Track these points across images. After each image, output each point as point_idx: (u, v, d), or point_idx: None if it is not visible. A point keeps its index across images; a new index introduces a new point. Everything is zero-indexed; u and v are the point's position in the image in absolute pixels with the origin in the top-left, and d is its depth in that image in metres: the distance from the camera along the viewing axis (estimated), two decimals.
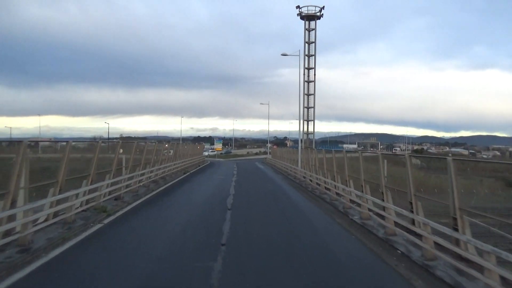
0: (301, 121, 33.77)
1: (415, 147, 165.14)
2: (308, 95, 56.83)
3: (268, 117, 62.18)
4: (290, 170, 32.59)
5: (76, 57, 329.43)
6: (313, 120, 57.31)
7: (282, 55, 30.63)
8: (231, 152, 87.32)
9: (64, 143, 12.72)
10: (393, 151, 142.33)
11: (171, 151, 29.91)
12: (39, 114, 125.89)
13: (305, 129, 58.12)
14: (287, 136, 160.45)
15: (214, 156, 79.49)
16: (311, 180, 23.67)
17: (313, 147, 46.45)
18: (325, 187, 19.78)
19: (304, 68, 56.27)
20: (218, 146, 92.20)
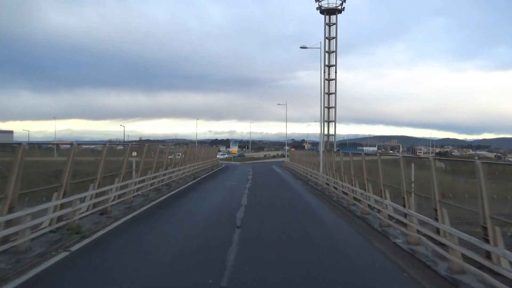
0: (322, 121, 31.01)
1: (437, 150, 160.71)
2: (329, 94, 53.32)
3: (286, 118, 59.14)
4: (311, 175, 29.59)
5: (97, 62, 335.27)
6: (334, 121, 53.84)
7: (301, 47, 27.78)
8: (244, 155, 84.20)
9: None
10: (417, 153, 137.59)
11: (179, 154, 27.28)
12: (54, 118, 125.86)
13: (325, 131, 54.83)
14: (305, 139, 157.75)
15: (230, 159, 76.94)
16: (335, 188, 20.66)
17: (334, 150, 43.34)
18: (354, 197, 16.79)
19: (324, 65, 52.95)
20: (234, 148, 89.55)
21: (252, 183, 26.54)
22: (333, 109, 53.47)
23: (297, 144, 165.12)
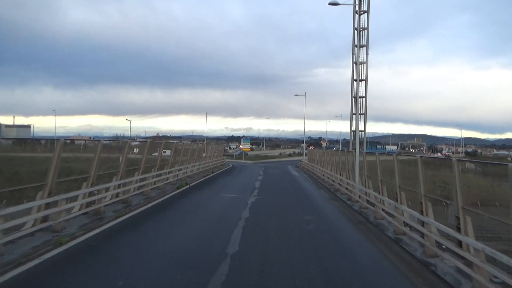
0: (353, 105, 23.51)
1: (459, 149, 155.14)
2: (359, 80, 44.19)
3: (305, 109, 50.55)
4: (339, 184, 21.75)
5: (117, 59, 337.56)
6: (365, 114, 44.49)
7: (330, 4, 20.30)
8: (247, 154, 74.85)
9: None
10: (444, 154, 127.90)
11: (164, 151, 19.88)
12: (55, 112, 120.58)
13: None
14: (322, 136, 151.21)
15: (241, 157, 69.41)
16: (385, 212, 12.89)
17: (363, 149, 35.25)
18: (437, 243, 9.01)
19: (353, 45, 44.45)
20: (246, 146, 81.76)
21: (259, 195, 18.94)
22: (363, 99, 44.51)
23: (314, 141, 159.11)
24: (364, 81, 43.96)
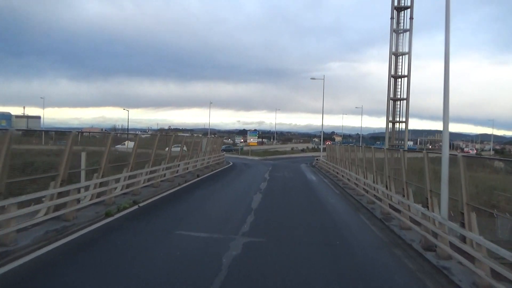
0: (391, 87, 14.99)
1: (477, 146, 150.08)
2: (396, 55, 34.09)
3: (323, 95, 40.35)
4: (393, 207, 12.78)
5: (131, 51, 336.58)
6: (407, 99, 34.10)
7: None
8: (232, 150, 63.65)
9: None
10: (467, 151, 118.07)
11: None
12: (42, 98, 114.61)
13: (388, 116, 36.53)
14: (335, 131, 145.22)
15: (247, 153, 60.69)
16: None
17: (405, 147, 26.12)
18: None
19: (392, 7, 34.74)
20: (253, 140, 72.85)
21: (254, 232, 10.12)
22: (405, 78, 34.00)
23: (327, 136, 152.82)
24: (408, 55, 33.72)
